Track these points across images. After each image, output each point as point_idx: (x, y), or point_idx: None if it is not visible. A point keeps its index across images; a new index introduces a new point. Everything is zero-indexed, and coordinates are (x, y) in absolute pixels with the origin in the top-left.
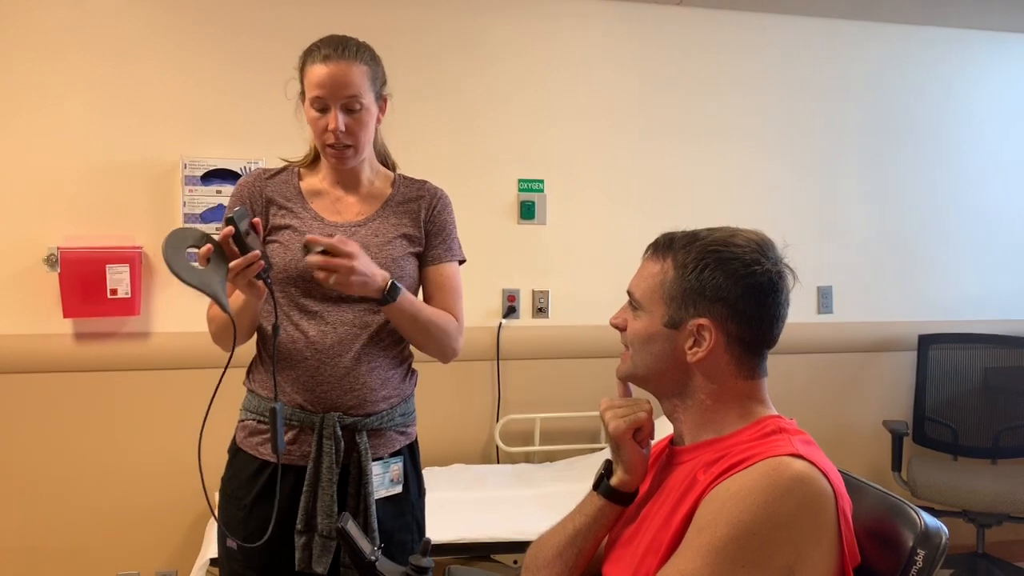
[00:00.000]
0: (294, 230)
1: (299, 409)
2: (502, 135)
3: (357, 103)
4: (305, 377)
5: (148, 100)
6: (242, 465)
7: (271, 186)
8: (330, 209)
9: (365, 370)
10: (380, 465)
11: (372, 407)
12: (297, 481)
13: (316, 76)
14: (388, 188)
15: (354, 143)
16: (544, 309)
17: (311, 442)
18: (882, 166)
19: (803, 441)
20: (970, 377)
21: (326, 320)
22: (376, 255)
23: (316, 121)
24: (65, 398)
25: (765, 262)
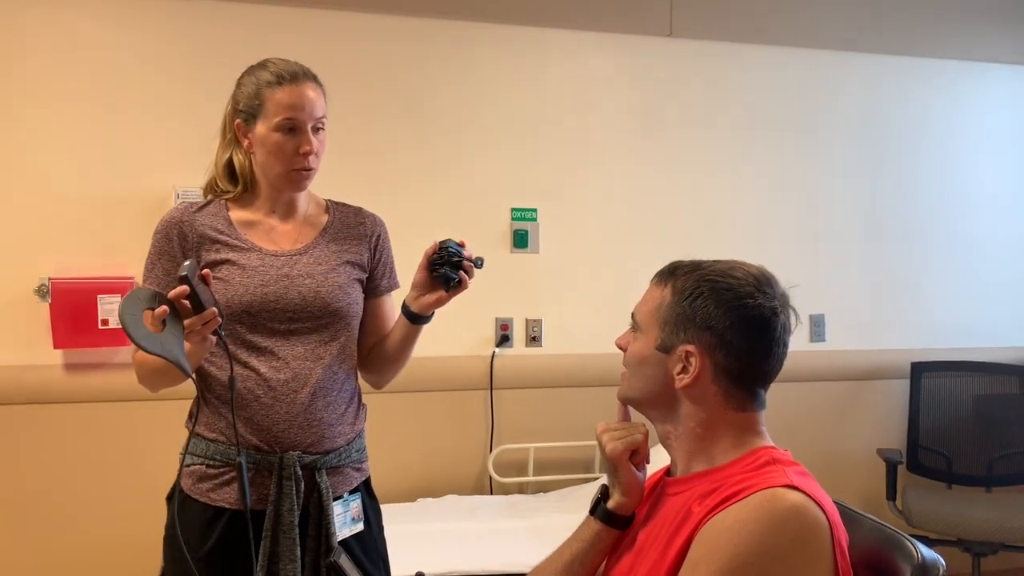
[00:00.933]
0: (233, 264)
1: (255, 451)
2: (495, 164)
3: (323, 124)
4: (259, 417)
5: (141, 130)
6: (193, 514)
7: (201, 220)
8: (266, 239)
9: (321, 405)
10: (340, 504)
11: (330, 444)
12: (256, 527)
13: (288, 98)
14: (323, 215)
15: (316, 165)
16: (537, 338)
17: (269, 484)
18: (873, 195)
19: (798, 472)
20: (962, 405)
21: (277, 356)
22: (321, 283)
23: (283, 145)
24: (55, 429)
25: (759, 296)
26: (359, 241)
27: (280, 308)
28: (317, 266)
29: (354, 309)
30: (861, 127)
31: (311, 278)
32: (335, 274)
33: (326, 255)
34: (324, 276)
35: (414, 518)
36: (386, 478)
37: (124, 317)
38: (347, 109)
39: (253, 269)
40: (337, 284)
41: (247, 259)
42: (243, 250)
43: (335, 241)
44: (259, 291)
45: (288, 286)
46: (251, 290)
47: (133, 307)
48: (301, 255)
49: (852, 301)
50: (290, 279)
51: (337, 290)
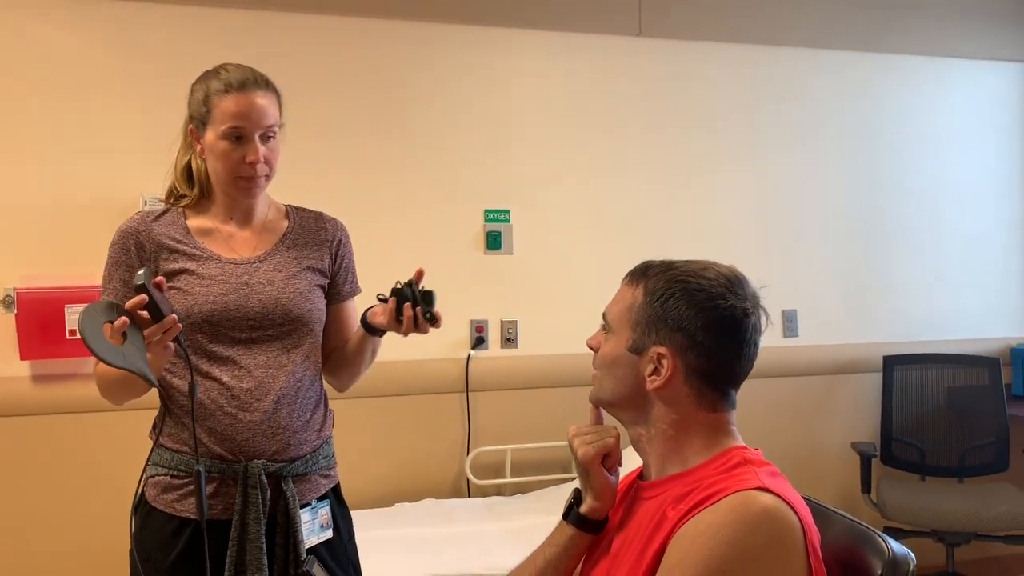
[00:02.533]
0: (192, 273)
1: (219, 460)
2: (467, 166)
3: (274, 132)
4: (223, 426)
5: (106, 137)
6: (158, 525)
7: (158, 228)
8: (224, 247)
9: (286, 413)
10: (308, 512)
11: (296, 451)
12: (221, 537)
13: (235, 106)
14: (283, 220)
15: (267, 173)
16: (513, 339)
17: (235, 494)
18: (845, 190)
19: (769, 473)
20: (934, 397)
21: (239, 364)
22: (282, 290)
23: (230, 153)
24: (23, 442)
25: (731, 297)
26: (320, 247)
27: (241, 317)
28: (277, 273)
29: (316, 315)
30: (831, 125)
31: (271, 285)
32: (296, 280)
33: (286, 261)
34: (285, 283)
35: (391, 523)
36: (363, 483)
37: (84, 332)
38: (317, 113)
39: (212, 278)
40: (298, 291)
41: (206, 268)
42: (201, 259)
43: (295, 247)
44: (219, 300)
45: (248, 294)
46: (211, 299)
47: (92, 321)
48: (261, 262)
49: (824, 296)
50: (250, 287)
51: (298, 296)
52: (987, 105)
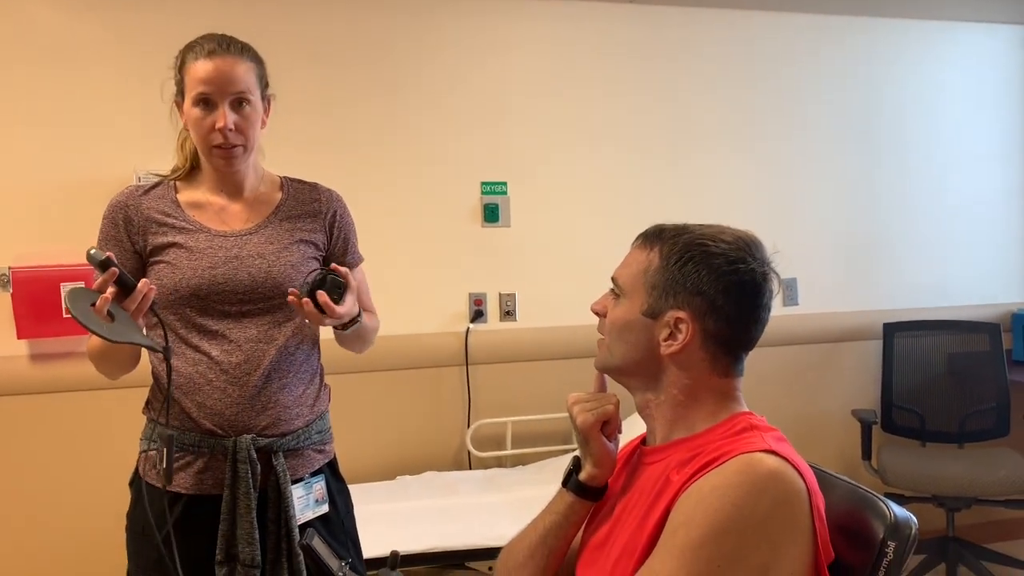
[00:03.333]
0: (180, 247)
1: (208, 435)
2: (464, 138)
3: (246, 99)
4: (212, 401)
5: (100, 113)
6: (151, 499)
7: (147, 203)
8: (215, 219)
9: (276, 388)
10: (302, 487)
11: (287, 426)
12: (213, 512)
13: (201, 72)
14: (276, 192)
15: (243, 143)
16: (512, 312)
17: (224, 468)
18: (844, 158)
19: (775, 438)
20: (935, 363)
21: (229, 338)
22: (273, 263)
23: (201, 121)
24: (22, 421)
25: (751, 261)
26: (313, 219)
27: (230, 290)
28: (268, 245)
29: None
30: (830, 90)
31: (262, 258)
32: (287, 253)
33: (278, 234)
34: (276, 256)
35: (393, 496)
36: (365, 456)
37: (82, 319)
38: (309, 85)
39: (201, 251)
40: (290, 263)
41: (195, 241)
42: (190, 232)
43: (288, 219)
44: (207, 273)
45: (238, 267)
46: (199, 272)
47: (83, 306)
48: (251, 235)
49: (824, 264)
50: (240, 260)
51: (290, 269)
52: (987, 69)
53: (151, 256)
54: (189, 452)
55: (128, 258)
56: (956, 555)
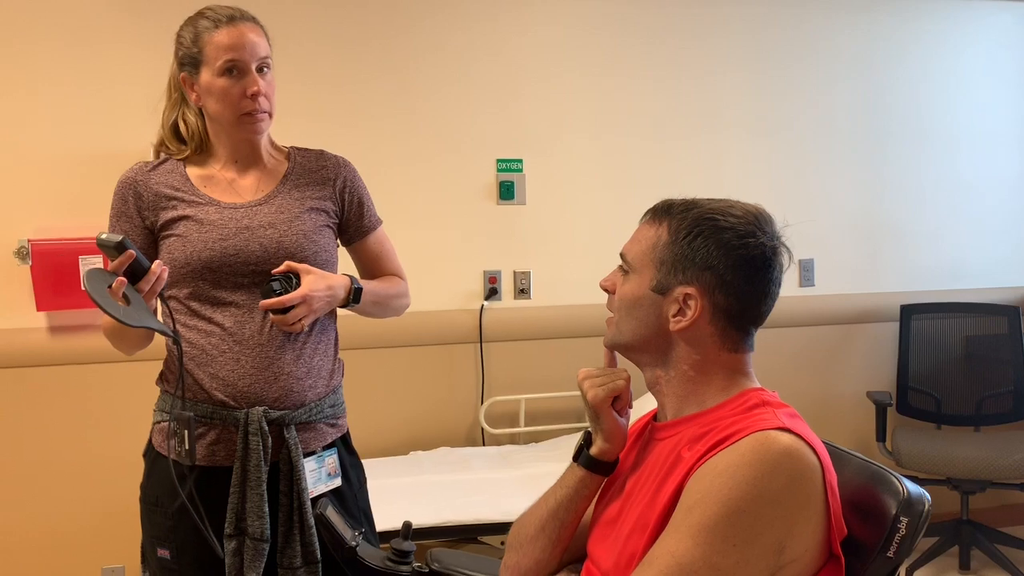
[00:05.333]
0: (192, 220)
1: (220, 407)
2: (479, 115)
3: (268, 65)
4: (225, 372)
5: (117, 87)
6: (163, 470)
7: (156, 178)
8: (226, 192)
9: (289, 359)
10: (315, 460)
11: (299, 398)
12: (224, 484)
13: (227, 39)
14: (284, 162)
15: (269, 109)
16: (526, 290)
17: (235, 440)
18: (861, 138)
19: (788, 414)
20: (952, 346)
21: (242, 307)
22: (284, 232)
23: (229, 89)
24: (42, 392)
25: (760, 236)
26: (322, 186)
27: (241, 261)
28: (279, 215)
29: (323, 256)
30: (850, 66)
31: (273, 228)
32: (299, 222)
33: (288, 203)
34: (287, 225)
35: (407, 470)
36: (379, 432)
37: (100, 302)
38: (322, 59)
39: (211, 223)
40: (302, 232)
41: (205, 214)
42: (200, 205)
43: (297, 188)
44: (218, 245)
45: (249, 238)
46: (210, 245)
47: (98, 287)
48: (262, 205)
49: (841, 245)
50: (251, 231)
51: (302, 238)
52: (1004, 49)
53: (162, 231)
54: (201, 423)
55: (139, 234)
56: (970, 538)
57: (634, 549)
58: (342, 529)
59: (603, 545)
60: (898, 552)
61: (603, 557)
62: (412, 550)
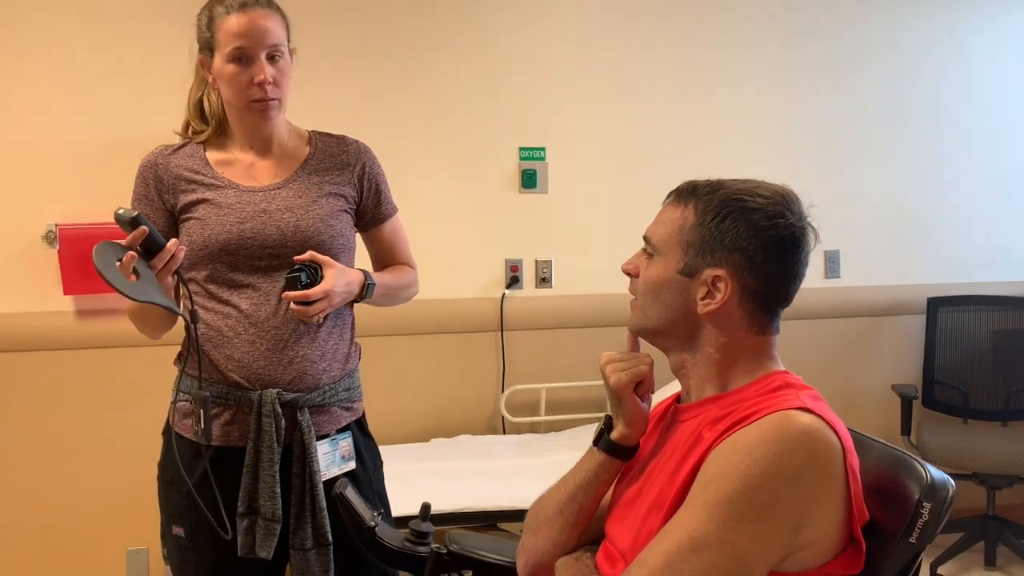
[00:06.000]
0: (210, 203)
1: (235, 388)
2: (502, 103)
3: (280, 52)
4: (240, 353)
5: (143, 74)
6: (180, 449)
7: (176, 161)
8: (244, 176)
9: (304, 342)
10: (328, 443)
11: (313, 381)
12: (238, 464)
13: (236, 26)
14: (305, 146)
15: (280, 96)
16: (548, 279)
17: (249, 421)
18: (888, 127)
19: (811, 396)
20: (980, 339)
21: (259, 290)
22: (301, 216)
23: (237, 76)
24: (69, 376)
25: (789, 216)
26: (342, 171)
27: (258, 244)
28: (297, 199)
29: (340, 241)
30: (878, 53)
31: (291, 212)
32: (317, 206)
33: (307, 187)
34: (305, 209)
35: (427, 457)
36: (399, 419)
37: (106, 274)
38: (351, 47)
39: (229, 207)
40: (319, 216)
41: (223, 197)
42: (219, 188)
43: (317, 172)
44: (235, 228)
45: (266, 221)
46: (227, 228)
47: (108, 261)
48: (280, 189)
49: (867, 237)
50: (268, 214)
51: (319, 223)
52: None
53: (182, 214)
54: (216, 404)
55: (160, 216)
56: (996, 533)
57: (651, 528)
58: (361, 509)
59: (621, 525)
60: (920, 538)
61: (621, 537)
62: (431, 531)
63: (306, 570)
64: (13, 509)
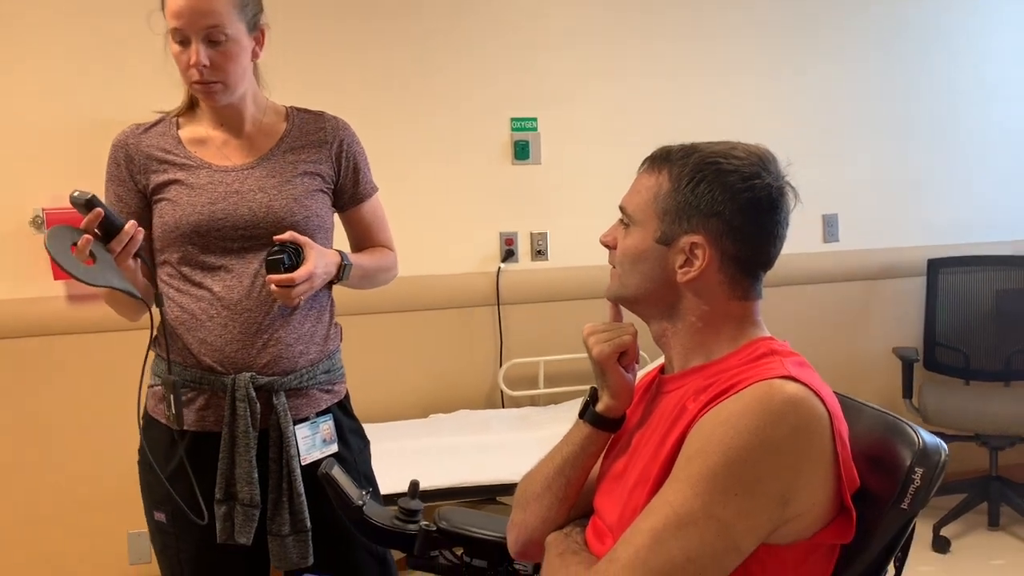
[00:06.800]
0: (182, 184)
1: (208, 372)
2: (492, 73)
3: (221, 34)
4: (213, 337)
5: (131, 55)
6: (157, 435)
7: (147, 140)
8: (217, 155)
9: (279, 325)
10: (308, 427)
11: (289, 364)
12: (214, 449)
13: (173, 6)
14: (282, 123)
15: (222, 79)
16: (543, 251)
17: (224, 406)
18: (884, 88)
19: (796, 363)
20: (981, 300)
21: (231, 272)
22: (274, 197)
23: (179, 57)
24: (61, 361)
25: (766, 176)
26: (318, 149)
27: (230, 226)
28: (270, 179)
29: (315, 222)
30: (871, 16)
31: (263, 192)
32: (290, 186)
33: (281, 167)
34: (277, 189)
35: (426, 433)
36: (397, 395)
37: (58, 258)
38: (336, 18)
39: (201, 187)
40: (292, 197)
41: (195, 177)
42: (191, 168)
43: (292, 151)
44: (207, 209)
45: (238, 202)
46: (198, 209)
47: (60, 244)
48: (253, 168)
49: (865, 199)
50: (240, 195)
51: (292, 203)
52: None
53: (153, 194)
54: (191, 389)
55: (132, 197)
56: (998, 494)
57: (637, 503)
58: (348, 489)
59: (609, 499)
60: (912, 504)
61: (608, 511)
62: (420, 509)
63: (284, 556)
64: (12, 496)
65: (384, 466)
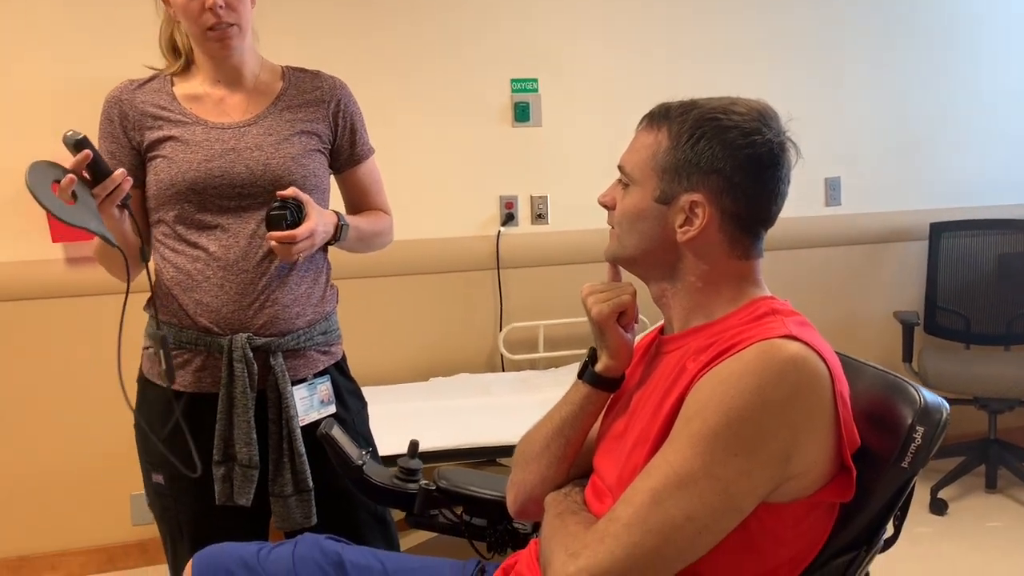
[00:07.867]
0: (177, 140)
1: (204, 333)
2: (491, 33)
3: None
4: (209, 297)
5: (127, 12)
6: (152, 397)
7: (142, 96)
8: (213, 111)
9: (276, 285)
10: (306, 388)
11: (286, 325)
12: (212, 410)
13: None
14: (278, 82)
15: (237, 20)
16: (543, 215)
17: (221, 367)
18: (889, 51)
19: (797, 323)
20: (983, 264)
21: (228, 231)
22: (271, 155)
23: (188, 5)
24: (61, 323)
25: (767, 132)
26: (315, 108)
27: (227, 184)
28: (267, 136)
29: (312, 181)
30: None
31: (260, 150)
32: (287, 144)
33: (278, 125)
34: (275, 147)
35: (426, 395)
36: (398, 358)
37: (34, 189)
38: None
39: (197, 144)
40: (289, 155)
41: (191, 134)
42: (187, 124)
43: (289, 109)
44: (203, 167)
45: (235, 160)
46: (195, 166)
47: (41, 178)
48: (250, 126)
49: (868, 162)
50: (237, 152)
51: (289, 161)
52: None
53: (148, 151)
54: (187, 350)
55: (126, 155)
56: (997, 457)
57: (636, 463)
58: (348, 448)
59: (609, 459)
60: (913, 463)
61: (608, 471)
62: (419, 468)
63: (287, 517)
64: (13, 460)
65: (384, 428)
